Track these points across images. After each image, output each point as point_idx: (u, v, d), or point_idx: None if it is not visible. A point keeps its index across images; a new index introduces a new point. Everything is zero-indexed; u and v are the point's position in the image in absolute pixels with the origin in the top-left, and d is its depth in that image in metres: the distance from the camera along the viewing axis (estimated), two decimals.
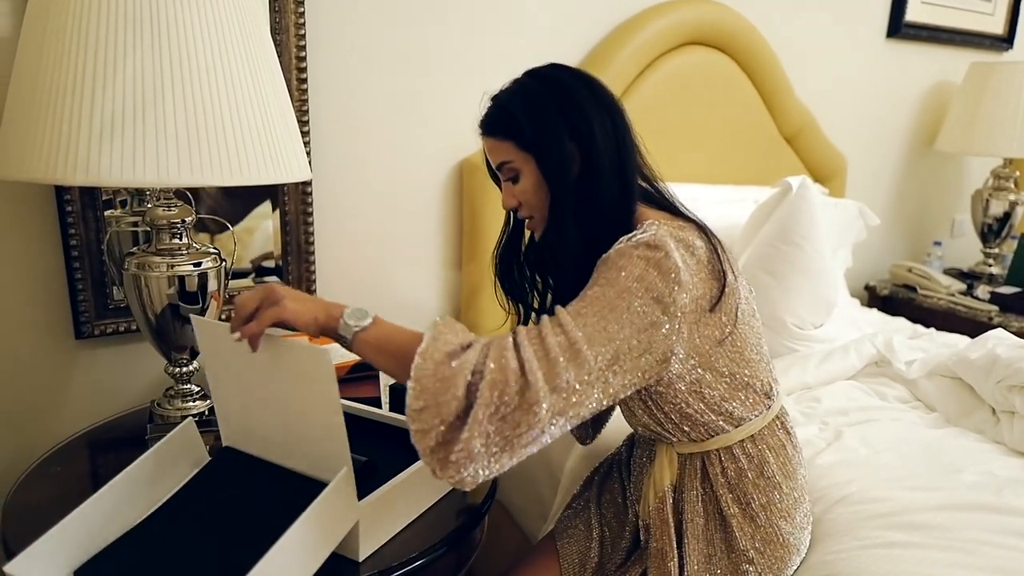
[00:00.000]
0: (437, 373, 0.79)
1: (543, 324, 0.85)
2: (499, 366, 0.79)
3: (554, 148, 0.98)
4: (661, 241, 0.89)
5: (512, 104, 1.02)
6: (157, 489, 0.94)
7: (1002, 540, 1.05)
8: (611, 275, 0.87)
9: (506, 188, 1.06)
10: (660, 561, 1.03)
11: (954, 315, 2.29)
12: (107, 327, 1.36)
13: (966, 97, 2.48)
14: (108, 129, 0.95)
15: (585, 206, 0.98)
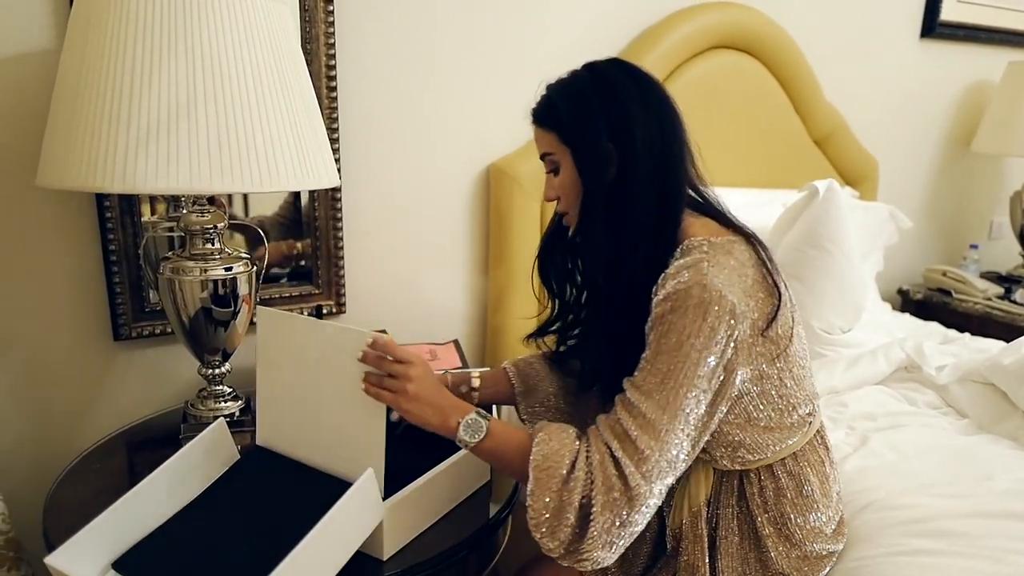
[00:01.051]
0: (550, 506, 0.85)
1: (620, 413, 0.88)
2: (606, 486, 0.84)
3: (589, 145, 0.97)
4: (709, 281, 0.87)
5: (558, 95, 1.01)
6: (189, 486, 0.97)
7: None
8: (671, 340, 0.87)
9: (548, 180, 1.05)
10: (690, 574, 1.02)
11: (991, 320, 2.24)
12: (143, 329, 1.40)
13: (1004, 97, 2.42)
14: (144, 139, 0.99)
15: (616, 212, 0.96)
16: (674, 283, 0.89)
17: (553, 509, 0.85)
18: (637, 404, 0.87)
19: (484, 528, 1.06)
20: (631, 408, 0.87)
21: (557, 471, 0.86)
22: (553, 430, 0.91)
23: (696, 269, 0.89)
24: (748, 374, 0.93)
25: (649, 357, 0.89)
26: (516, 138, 1.74)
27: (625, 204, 0.96)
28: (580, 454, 0.87)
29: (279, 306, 1.54)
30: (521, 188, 1.66)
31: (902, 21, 2.34)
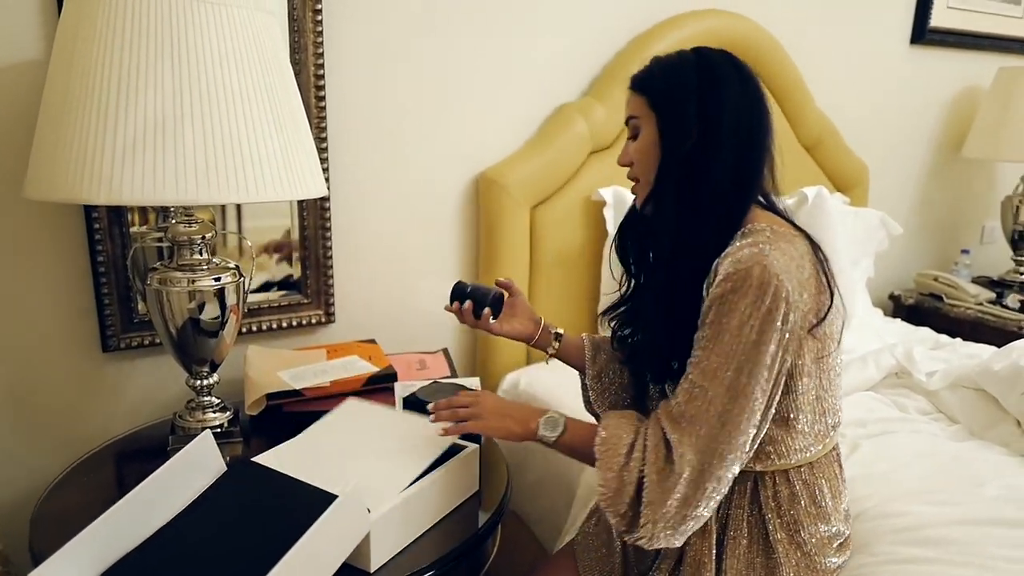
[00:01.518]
0: (611, 485, 0.91)
1: (679, 396, 0.91)
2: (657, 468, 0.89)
3: (675, 113, 0.98)
4: (769, 263, 0.88)
5: (659, 63, 1.03)
6: (175, 499, 0.97)
7: (1021, 555, 1.03)
8: (731, 322, 0.88)
9: (626, 144, 1.07)
10: (695, 570, 1.02)
11: (983, 325, 2.25)
12: (132, 340, 1.40)
13: (995, 102, 2.44)
14: (130, 150, 0.99)
15: (689, 185, 0.97)
16: (733, 262, 0.90)
17: (614, 488, 0.90)
18: (696, 387, 0.90)
19: (472, 538, 1.06)
20: (690, 391, 0.90)
21: (617, 451, 0.91)
22: (616, 416, 0.96)
23: (758, 251, 0.90)
24: (794, 367, 0.94)
25: (709, 337, 0.90)
26: (505, 147, 1.74)
27: (699, 179, 0.97)
28: (639, 436, 0.92)
29: (266, 317, 1.54)
30: (510, 196, 1.66)
31: (892, 27, 2.35)
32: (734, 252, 0.91)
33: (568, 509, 1.45)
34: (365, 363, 1.41)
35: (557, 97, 1.79)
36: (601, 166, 1.80)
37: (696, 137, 0.97)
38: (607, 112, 1.76)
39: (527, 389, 1.66)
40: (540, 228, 1.74)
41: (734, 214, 0.98)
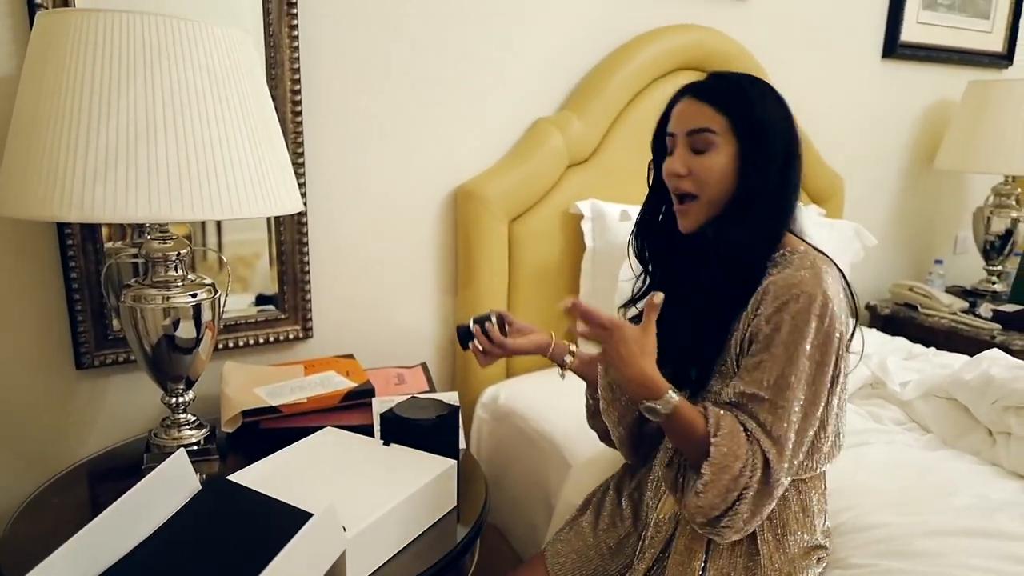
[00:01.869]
0: (715, 502, 0.94)
1: (764, 416, 0.95)
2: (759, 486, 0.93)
3: (766, 141, 1.00)
4: (827, 287, 0.94)
5: (749, 88, 1.02)
6: (149, 519, 0.95)
7: (993, 565, 1.04)
8: (803, 344, 0.94)
9: (683, 155, 1.03)
10: (686, 558, 1.03)
11: (956, 334, 2.28)
12: (107, 357, 1.38)
13: (965, 115, 2.48)
14: (102, 167, 0.98)
15: (767, 210, 1.01)
16: (791, 286, 0.94)
17: (719, 504, 0.94)
18: (780, 407, 0.94)
19: (450, 554, 1.05)
20: (774, 411, 0.94)
21: (731, 470, 0.93)
22: (728, 430, 0.94)
23: (815, 275, 0.95)
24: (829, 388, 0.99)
25: (781, 358, 0.94)
26: (483, 160, 1.75)
27: (778, 206, 1.02)
28: (749, 458, 0.93)
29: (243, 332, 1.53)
30: (488, 210, 1.67)
31: (864, 42, 2.39)
32: (789, 275, 0.96)
33: (547, 523, 1.44)
34: (343, 378, 1.40)
35: (534, 111, 1.80)
36: (578, 179, 1.81)
37: (781, 164, 1.01)
38: (584, 126, 1.78)
39: (507, 403, 1.66)
40: (518, 241, 1.75)
41: (776, 236, 1.04)
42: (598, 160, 1.84)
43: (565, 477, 1.43)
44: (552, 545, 1.21)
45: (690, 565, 1.02)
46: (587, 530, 1.20)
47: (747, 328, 0.99)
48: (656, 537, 1.07)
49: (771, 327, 0.95)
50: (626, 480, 1.25)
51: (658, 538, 1.07)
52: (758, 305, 0.97)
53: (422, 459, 1.15)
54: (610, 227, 1.75)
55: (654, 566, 1.07)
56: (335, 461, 1.17)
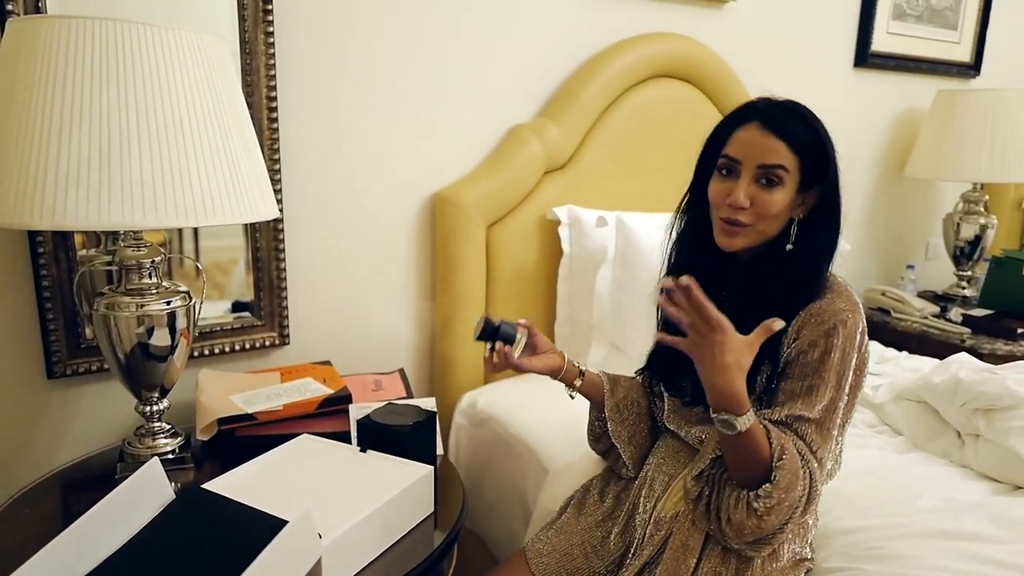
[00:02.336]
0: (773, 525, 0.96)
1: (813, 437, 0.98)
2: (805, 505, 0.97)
3: (834, 190, 1.06)
4: (862, 315, 1.03)
5: (819, 128, 1.06)
6: (121, 529, 0.94)
7: (961, 566, 1.06)
8: (846, 370, 1.00)
9: (748, 186, 1.03)
10: (682, 555, 1.04)
11: (928, 338, 2.32)
12: (79, 366, 1.37)
13: (934, 124, 2.53)
14: (75, 174, 0.97)
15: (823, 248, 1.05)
16: (834, 314, 1.00)
17: (777, 525, 0.96)
18: (825, 429, 0.99)
19: (428, 560, 1.05)
20: (822, 432, 0.99)
21: (792, 494, 0.95)
22: (791, 455, 0.95)
23: (853, 303, 1.02)
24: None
25: (831, 384, 0.99)
26: (460, 167, 1.76)
27: (829, 243, 1.07)
28: (805, 479, 0.96)
29: (219, 340, 1.52)
30: (466, 216, 1.67)
31: (836, 51, 2.43)
32: (831, 302, 1.01)
33: (524, 529, 1.45)
34: (319, 385, 1.40)
35: (511, 118, 1.81)
36: (556, 185, 1.82)
37: (836, 202, 1.06)
38: (561, 132, 1.79)
39: (485, 408, 1.66)
40: (496, 247, 1.76)
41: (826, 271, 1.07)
42: (575, 166, 1.85)
43: (543, 482, 1.43)
44: (533, 544, 1.21)
45: (685, 562, 1.04)
46: (570, 529, 1.20)
47: (786, 351, 1.02)
48: (656, 536, 1.09)
49: (820, 351, 0.99)
50: (610, 481, 1.26)
51: (658, 536, 1.08)
52: (799, 329, 1.01)
53: (399, 465, 1.15)
54: (587, 233, 1.77)
55: (649, 563, 1.08)
56: (311, 468, 1.16)
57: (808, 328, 1.00)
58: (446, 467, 1.33)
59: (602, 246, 1.75)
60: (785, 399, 1.00)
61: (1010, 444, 1.35)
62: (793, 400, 0.99)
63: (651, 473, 1.16)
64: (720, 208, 1.06)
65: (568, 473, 1.39)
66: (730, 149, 1.06)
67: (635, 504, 1.16)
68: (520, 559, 1.21)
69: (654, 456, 1.19)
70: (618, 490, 1.23)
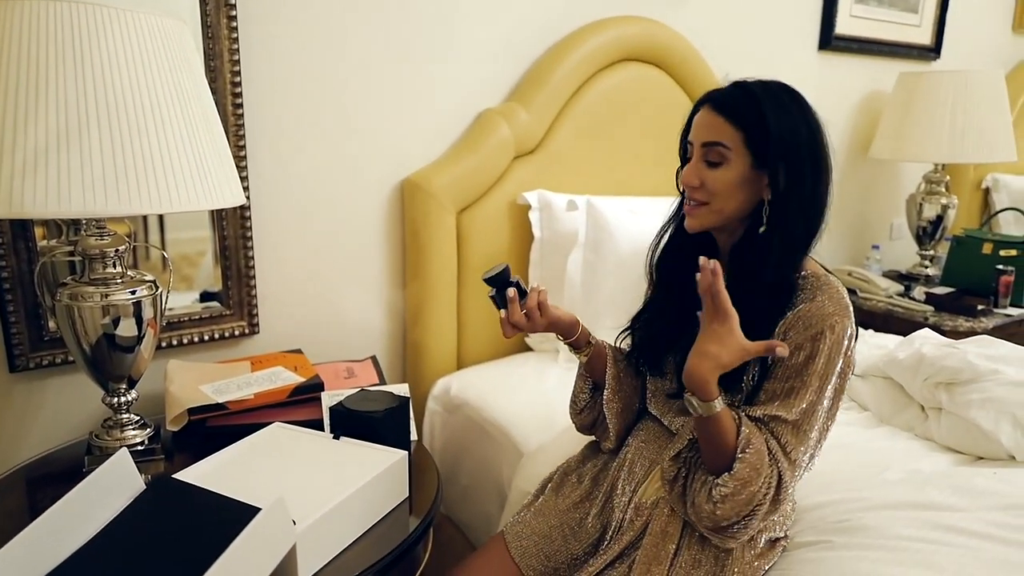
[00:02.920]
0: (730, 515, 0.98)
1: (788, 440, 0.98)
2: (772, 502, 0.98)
3: (790, 163, 1.01)
4: (850, 316, 1.01)
5: (766, 101, 1.02)
6: (91, 521, 0.93)
7: (925, 534, 1.09)
8: (830, 372, 0.99)
9: (696, 165, 1.05)
10: (661, 540, 1.05)
11: (893, 316, 2.36)
12: (43, 359, 1.34)
13: (896, 105, 2.57)
14: (31, 162, 0.95)
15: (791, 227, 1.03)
16: (825, 317, 0.99)
17: (732, 516, 0.98)
18: (802, 431, 0.99)
19: (403, 544, 1.05)
20: (798, 434, 0.99)
21: (751, 487, 0.96)
22: (757, 447, 0.97)
23: (843, 305, 1.01)
24: None
25: (814, 387, 0.98)
26: (430, 152, 1.75)
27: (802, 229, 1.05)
28: (768, 477, 0.97)
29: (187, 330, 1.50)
30: (436, 201, 1.67)
31: (801, 34, 2.46)
32: (821, 305, 0.99)
33: (500, 512, 1.46)
34: (291, 374, 1.39)
35: (480, 102, 1.80)
36: (526, 170, 1.82)
37: (807, 184, 1.02)
38: (530, 117, 1.79)
39: (458, 394, 1.66)
40: (467, 232, 1.75)
41: (801, 258, 1.07)
42: (545, 150, 1.85)
43: (517, 465, 1.44)
44: (512, 527, 1.21)
45: (664, 547, 1.05)
46: (548, 511, 1.20)
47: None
48: (636, 521, 1.09)
49: (805, 355, 0.98)
50: (587, 462, 1.26)
51: (638, 521, 1.09)
52: (787, 331, 1.00)
53: (373, 451, 1.15)
54: (557, 217, 1.77)
55: (628, 548, 1.09)
56: (284, 456, 1.15)
57: (795, 331, 0.99)
58: (420, 452, 1.33)
59: (573, 230, 1.76)
60: (766, 398, 1.01)
61: (971, 416, 1.38)
62: (772, 400, 1.00)
63: (631, 456, 1.17)
64: (683, 188, 1.09)
65: (542, 455, 1.40)
66: (690, 134, 1.09)
67: (613, 485, 1.17)
68: (499, 543, 1.21)
69: (634, 438, 1.19)
70: (596, 471, 1.23)
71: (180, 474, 1.06)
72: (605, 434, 1.23)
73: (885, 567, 1.02)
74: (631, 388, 1.24)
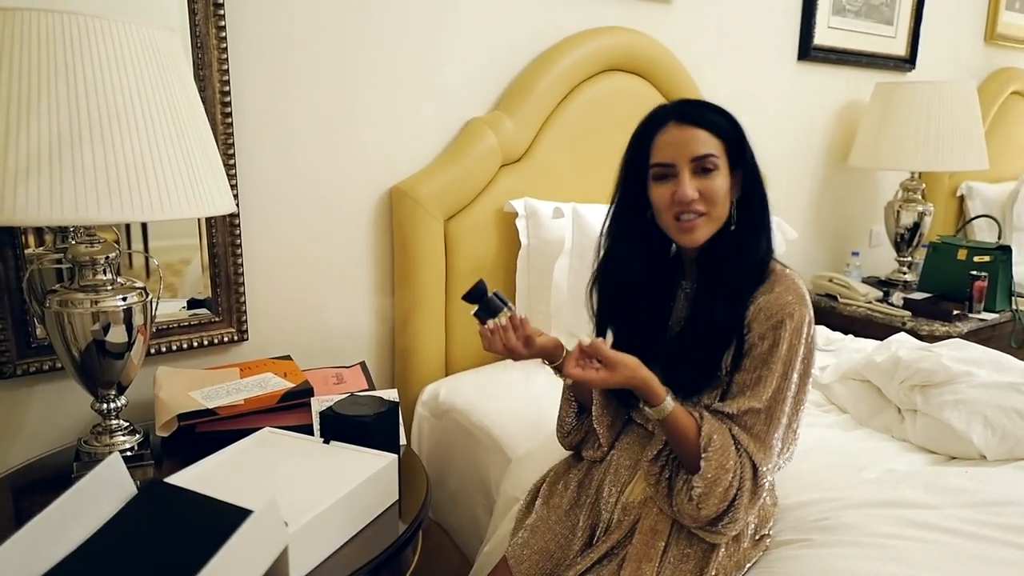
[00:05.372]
0: (711, 506, 1.03)
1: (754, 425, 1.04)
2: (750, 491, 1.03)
3: (750, 157, 1.11)
4: (808, 305, 1.07)
5: (728, 117, 1.11)
6: (82, 526, 0.94)
7: (900, 531, 1.12)
8: (793, 359, 1.05)
9: (690, 179, 1.08)
10: (650, 538, 1.08)
11: (872, 321, 2.41)
12: (30, 366, 1.34)
13: (873, 115, 2.63)
14: (24, 170, 0.96)
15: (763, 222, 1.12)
16: (783, 306, 1.05)
17: (714, 513, 1.03)
18: (774, 417, 1.04)
19: (392, 547, 1.07)
20: (768, 420, 1.04)
21: (722, 483, 1.02)
22: (720, 443, 1.03)
23: (800, 294, 1.07)
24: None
25: (779, 374, 1.04)
26: (417, 160, 1.77)
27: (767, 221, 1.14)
28: (738, 469, 1.03)
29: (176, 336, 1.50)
30: (424, 209, 1.69)
31: (781, 45, 2.51)
32: (779, 295, 1.06)
33: (488, 517, 1.47)
34: (280, 380, 1.40)
35: (467, 111, 1.83)
36: (512, 178, 1.85)
37: (760, 181, 1.12)
38: (516, 126, 1.82)
39: (447, 399, 1.68)
40: (454, 240, 1.77)
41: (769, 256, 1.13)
42: (531, 159, 1.88)
43: (505, 470, 1.46)
44: (513, 550, 1.20)
45: (654, 544, 1.08)
46: (543, 527, 1.21)
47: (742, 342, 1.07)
48: (625, 520, 1.12)
49: (768, 344, 1.04)
50: (570, 469, 1.28)
51: (626, 521, 1.12)
52: (751, 323, 1.06)
53: (363, 455, 1.16)
54: (544, 224, 1.79)
55: (617, 546, 1.11)
56: (274, 460, 1.17)
57: (758, 322, 1.06)
58: (409, 457, 1.34)
59: (559, 237, 1.79)
60: (736, 391, 1.07)
61: (944, 418, 1.42)
62: (743, 392, 1.06)
63: (615, 458, 1.20)
64: (670, 210, 1.10)
65: (530, 460, 1.42)
66: (658, 156, 1.10)
67: (600, 488, 1.19)
68: (504, 569, 1.21)
69: (619, 442, 1.22)
70: (580, 476, 1.25)
71: (171, 478, 1.06)
72: (595, 445, 1.25)
73: (862, 563, 1.06)
74: (618, 399, 1.27)
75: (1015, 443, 1.40)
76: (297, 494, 1.05)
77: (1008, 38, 3.28)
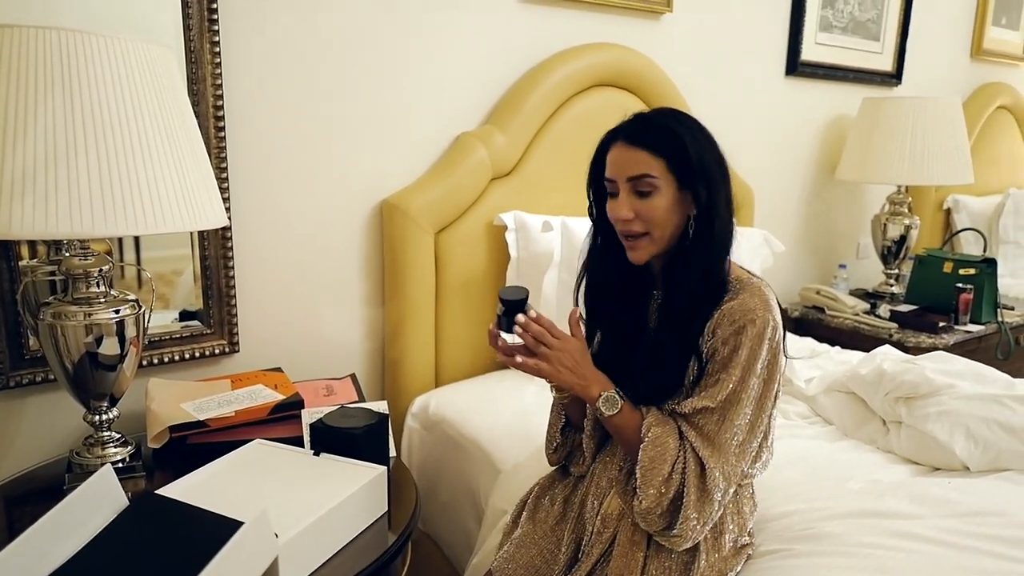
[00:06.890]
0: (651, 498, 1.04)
1: (711, 428, 1.05)
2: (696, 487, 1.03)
3: (703, 176, 1.06)
4: (774, 312, 1.07)
5: (677, 127, 1.07)
6: (74, 537, 0.94)
7: (883, 541, 1.13)
8: (754, 364, 1.05)
9: (627, 200, 1.08)
10: (629, 550, 1.09)
11: (859, 333, 2.43)
12: (23, 377, 1.35)
13: (860, 129, 2.66)
14: (19, 184, 0.98)
15: (713, 241, 1.08)
16: (746, 312, 1.05)
17: (655, 506, 1.04)
18: (728, 419, 1.04)
19: (381, 558, 1.08)
20: (721, 421, 1.05)
21: (660, 472, 1.04)
22: (659, 433, 1.06)
23: (763, 303, 1.06)
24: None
25: (738, 378, 1.04)
26: (408, 174, 1.78)
27: (724, 236, 1.10)
28: (679, 462, 1.04)
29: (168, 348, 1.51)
30: (414, 222, 1.70)
31: (769, 60, 2.54)
32: (744, 302, 1.06)
33: (478, 529, 1.48)
34: (271, 391, 1.41)
35: (457, 126, 1.85)
36: (502, 192, 1.87)
37: (722, 194, 1.08)
38: (506, 140, 1.84)
39: (437, 411, 1.69)
40: (444, 253, 1.79)
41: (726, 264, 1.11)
42: (520, 173, 1.90)
43: (494, 482, 1.47)
44: (499, 565, 1.21)
45: (633, 557, 1.09)
46: (529, 541, 1.22)
47: (705, 349, 1.08)
48: (604, 533, 1.13)
49: (729, 348, 1.05)
50: (556, 484, 1.29)
51: (606, 533, 1.13)
52: (714, 329, 1.07)
53: (353, 467, 1.17)
54: (533, 237, 1.81)
55: (600, 559, 1.12)
56: (265, 472, 1.18)
57: (721, 327, 1.06)
58: (399, 469, 1.35)
59: (548, 250, 1.80)
60: (698, 393, 1.08)
61: (928, 429, 1.44)
62: (699, 393, 1.07)
63: (598, 470, 1.21)
64: (617, 226, 1.13)
65: (519, 472, 1.43)
66: (607, 172, 1.12)
67: (584, 501, 1.20)
68: None
69: (600, 455, 1.23)
70: (567, 492, 1.26)
71: (163, 490, 1.07)
72: (582, 460, 1.26)
73: (845, 573, 1.07)
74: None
75: (997, 454, 1.42)
76: (287, 505, 1.06)
77: (994, 53, 3.33)
